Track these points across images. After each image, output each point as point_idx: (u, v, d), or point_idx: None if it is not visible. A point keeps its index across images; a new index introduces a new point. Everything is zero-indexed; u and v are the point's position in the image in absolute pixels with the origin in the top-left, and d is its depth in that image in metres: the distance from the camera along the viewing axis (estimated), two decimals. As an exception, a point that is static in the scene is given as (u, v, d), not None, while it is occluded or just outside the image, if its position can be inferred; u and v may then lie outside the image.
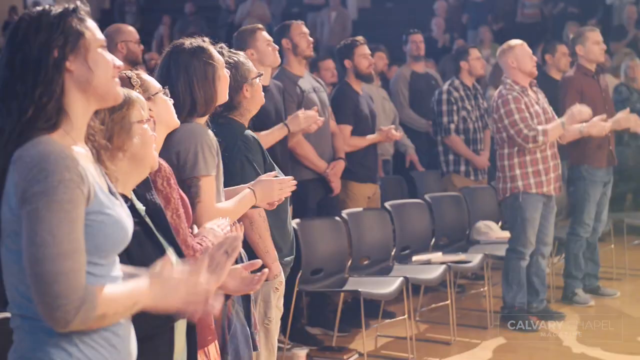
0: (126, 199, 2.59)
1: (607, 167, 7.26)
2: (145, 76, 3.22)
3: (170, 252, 2.70)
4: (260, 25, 5.86)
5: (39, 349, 2.21)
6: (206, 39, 3.83)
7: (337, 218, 6.34)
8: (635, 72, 10.08)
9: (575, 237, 7.29)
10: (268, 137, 5.43)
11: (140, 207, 2.73)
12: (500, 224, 7.63)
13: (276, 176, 3.93)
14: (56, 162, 2.15)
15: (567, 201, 7.90)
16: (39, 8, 2.29)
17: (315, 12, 15.54)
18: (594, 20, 14.52)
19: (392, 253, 6.69)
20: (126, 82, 3.13)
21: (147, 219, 2.72)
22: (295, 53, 6.37)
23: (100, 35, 2.35)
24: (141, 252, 2.57)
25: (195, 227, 3.37)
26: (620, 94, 9.96)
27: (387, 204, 6.90)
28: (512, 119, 6.44)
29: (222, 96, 3.80)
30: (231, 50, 4.32)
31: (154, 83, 3.21)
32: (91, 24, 2.34)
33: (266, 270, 2.93)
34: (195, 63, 3.70)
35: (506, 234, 7.01)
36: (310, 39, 6.44)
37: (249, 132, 4.33)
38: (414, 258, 6.71)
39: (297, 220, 5.99)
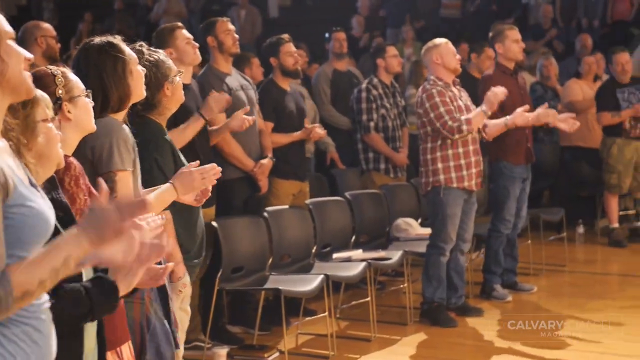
0: None
1: (526, 163, 7.38)
2: (72, 76, 3.17)
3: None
4: (179, 24, 5.82)
5: None
6: (117, 35, 3.79)
7: (258, 216, 6.33)
8: (550, 70, 10.27)
9: (496, 233, 7.38)
10: (186, 131, 5.37)
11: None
12: (419, 221, 7.68)
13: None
14: None
15: (486, 198, 8.01)
16: None
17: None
18: (511, 19, 14.74)
19: (313, 251, 6.70)
20: (50, 80, 3.08)
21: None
22: (221, 50, 6.33)
23: (9, 27, 2.30)
24: None
25: None
26: (535, 92, 10.14)
27: (307, 202, 6.90)
28: (438, 112, 6.49)
29: (138, 92, 3.75)
30: (151, 48, 4.28)
31: (78, 84, 3.17)
32: None
33: (171, 263, 2.90)
34: (104, 58, 3.66)
35: (426, 231, 7.07)
36: (236, 36, 6.40)
37: (163, 133, 4.28)
38: (335, 255, 6.73)
39: (218, 218, 5.97)
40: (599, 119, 9.27)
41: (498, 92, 6.54)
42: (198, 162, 3.86)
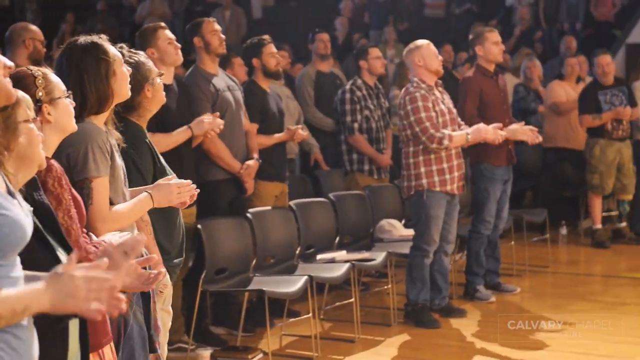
0: None
1: (507, 165, 7.40)
2: (53, 77, 3.15)
3: (61, 253, 2.66)
4: (162, 24, 5.81)
5: None
6: (103, 35, 3.77)
7: (242, 217, 6.32)
8: (533, 72, 10.31)
9: (477, 234, 7.40)
10: (171, 139, 5.39)
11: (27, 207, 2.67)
12: (403, 222, 7.69)
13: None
14: None
15: (470, 199, 8.03)
16: None
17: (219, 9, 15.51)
18: (494, 21, 14.79)
19: (297, 252, 6.69)
20: (30, 81, 3.06)
21: (35, 220, 2.66)
22: (208, 51, 6.31)
23: None
24: (28, 253, 2.52)
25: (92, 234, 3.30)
26: (518, 93, 10.20)
27: (291, 203, 6.90)
28: (419, 117, 6.50)
29: (121, 93, 3.74)
30: (131, 50, 4.27)
31: (59, 86, 3.14)
32: None
33: (163, 271, 2.90)
34: (87, 59, 3.64)
35: (409, 232, 7.07)
36: (223, 36, 6.40)
37: (142, 134, 4.28)
38: (319, 257, 6.73)
39: (201, 220, 5.96)
40: (580, 122, 9.31)
41: (490, 133, 6.55)
42: (174, 176, 3.90)
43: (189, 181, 3.86)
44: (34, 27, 6.32)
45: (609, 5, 14.58)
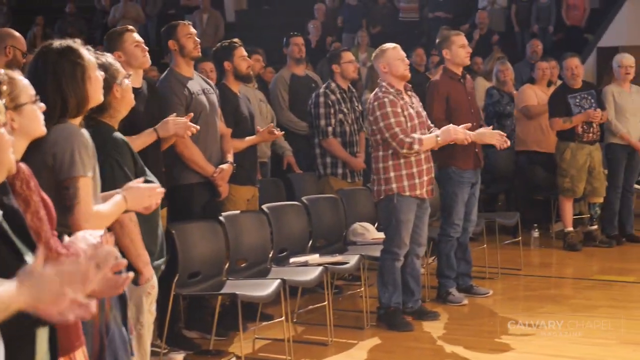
0: None
1: (474, 168, 7.44)
2: (20, 83, 3.09)
3: (30, 257, 2.64)
4: (130, 27, 5.79)
5: None
6: (77, 39, 3.77)
7: (215, 221, 6.30)
8: (506, 75, 10.37)
9: (446, 237, 7.43)
10: (136, 142, 5.36)
11: None
12: (376, 225, 7.70)
13: (147, 180, 3.90)
14: None
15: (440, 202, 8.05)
16: None
17: (191, 13, 15.50)
18: (466, 25, 14.86)
19: (270, 255, 6.68)
20: None
21: (4, 224, 2.64)
22: (183, 54, 6.29)
23: None
24: None
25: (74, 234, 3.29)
26: (492, 96, 10.25)
27: (264, 207, 6.89)
28: (388, 122, 6.52)
29: (96, 97, 3.75)
30: (97, 51, 4.26)
31: (27, 91, 3.09)
32: None
33: (131, 273, 2.88)
34: (63, 63, 3.64)
35: (382, 235, 7.08)
36: (198, 39, 6.38)
37: (118, 134, 4.28)
38: (292, 260, 6.73)
39: (174, 223, 5.94)
40: (551, 125, 9.36)
41: (459, 133, 6.56)
42: (143, 178, 3.89)
43: (157, 185, 3.86)
44: (17, 35, 6.08)
45: (580, 9, 14.69)
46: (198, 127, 5.76)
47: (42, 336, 2.69)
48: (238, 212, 6.61)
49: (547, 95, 9.68)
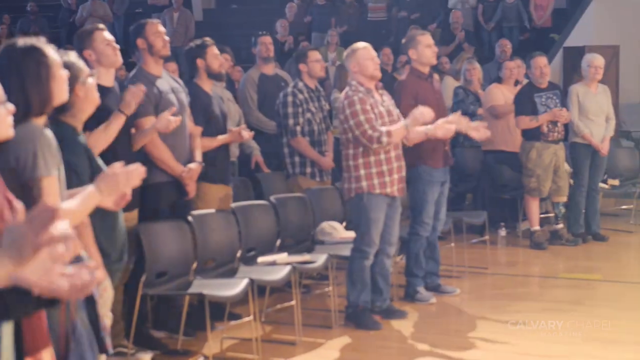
0: None
1: (444, 167, 7.47)
2: None
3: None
4: (100, 25, 5.75)
5: None
6: (42, 38, 3.74)
7: (182, 220, 6.29)
8: (473, 74, 10.42)
9: (416, 236, 7.45)
10: (109, 130, 5.30)
11: None
12: (344, 224, 7.71)
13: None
14: None
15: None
16: None
17: (158, 12, 15.44)
18: (434, 25, 14.92)
19: (238, 255, 6.67)
20: None
21: None
22: (151, 53, 6.25)
23: None
24: None
25: None
26: (457, 95, 10.31)
27: (232, 206, 6.88)
28: (357, 120, 6.53)
29: (60, 96, 3.71)
30: (60, 50, 4.23)
31: None
32: None
33: (99, 274, 2.87)
34: (27, 62, 3.61)
35: (350, 234, 7.09)
36: (167, 38, 6.35)
37: (78, 135, 4.24)
38: (260, 259, 6.72)
39: (141, 223, 5.92)
40: (517, 123, 9.41)
41: (425, 112, 6.57)
42: (123, 162, 3.81)
43: (136, 164, 3.66)
44: None
45: (546, 9, 14.79)
46: (179, 118, 5.74)
47: (7, 336, 2.67)
48: (206, 211, 6.58)
49: (513, 94, 9.72)
